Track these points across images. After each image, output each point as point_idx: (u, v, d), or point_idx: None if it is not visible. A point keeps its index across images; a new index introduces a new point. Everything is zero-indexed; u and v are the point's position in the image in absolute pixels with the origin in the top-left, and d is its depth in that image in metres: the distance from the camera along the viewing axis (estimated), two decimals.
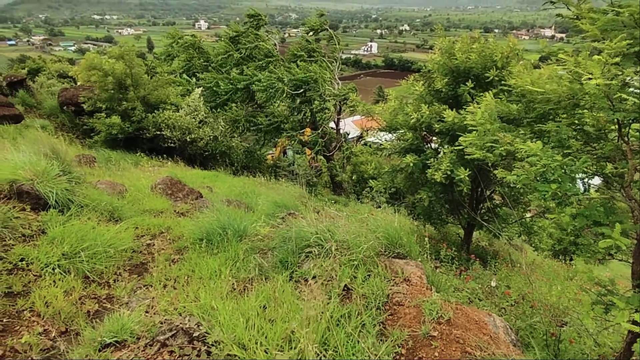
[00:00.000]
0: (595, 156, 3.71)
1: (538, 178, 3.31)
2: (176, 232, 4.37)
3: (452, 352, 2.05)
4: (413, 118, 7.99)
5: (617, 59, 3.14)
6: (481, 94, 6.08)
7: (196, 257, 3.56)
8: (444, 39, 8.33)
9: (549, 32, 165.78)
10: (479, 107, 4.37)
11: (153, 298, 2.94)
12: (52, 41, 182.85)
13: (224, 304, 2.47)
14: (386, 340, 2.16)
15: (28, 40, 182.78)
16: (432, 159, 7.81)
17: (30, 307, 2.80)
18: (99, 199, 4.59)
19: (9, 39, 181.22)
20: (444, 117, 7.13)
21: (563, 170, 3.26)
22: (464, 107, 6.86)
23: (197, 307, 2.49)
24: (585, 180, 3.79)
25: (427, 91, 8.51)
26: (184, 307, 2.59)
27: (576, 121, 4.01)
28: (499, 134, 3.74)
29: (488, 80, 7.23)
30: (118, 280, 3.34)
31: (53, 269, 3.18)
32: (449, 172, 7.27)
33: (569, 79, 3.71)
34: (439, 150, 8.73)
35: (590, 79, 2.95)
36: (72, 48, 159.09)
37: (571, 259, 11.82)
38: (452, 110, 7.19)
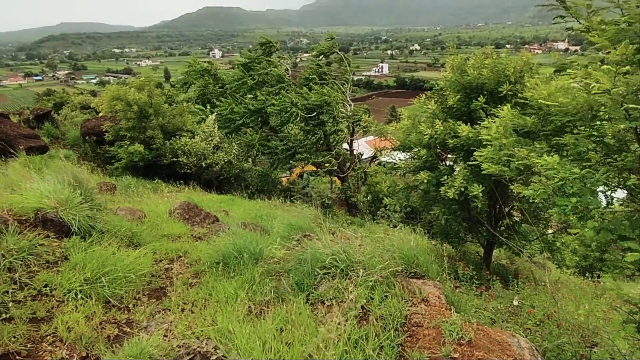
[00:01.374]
0: (616, 168, 3.62)
1: (557, 192, 3.24)
2: (193, 256, 4.41)
3: None
4: (427, 135, 7.97)
5: (627, 68, 3.10)
6: (495, 109, 6.06)
7: (213, 280, 3.57)
8: (456, 56, 8.36)
9: (562, 45, 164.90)
10: (494, 122, 4.33)
11: (171, 322, 2.95)
12: (75, 75, 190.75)
13: (240, 327, 2.47)
14: None
15: (53, 75, 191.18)
16: (445, 176, 7.74)
17: (53, 333, 2.84)
18: (119, 225, 4.68)
19: (36, 75, 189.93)
20: (458, 133, 7.08)
21: (583, 184, 3.19)
22: (478, 122, 6.81)
23: (214, 331, 2.48)
24: (608, 193, 3.69)
25: (440, 109, 8.50)
26: (202, 331, 2.59)
27: (595, 133, 3.93)
28: (514, 148, 3.70)
29: (501, 95, 7.19)
30: (137, 305, 3.37)
31: (75, 295, 3.24)
32: (462, 189, 7.18)
33: (585, 90, 3.68)
34: (453, 167, 8.65)
35: (603, 89, 2.91)
36: (94, 81, 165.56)
37: (598, 276, 11.40)
38: (468, 125, 7.13)
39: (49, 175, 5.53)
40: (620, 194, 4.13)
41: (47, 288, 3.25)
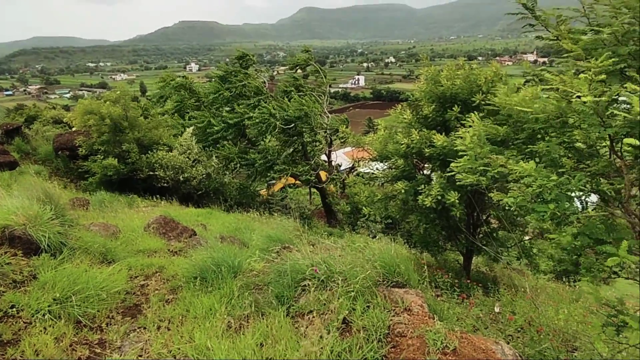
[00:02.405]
0: (589, 173, 3.71)
1: (535, 199, 3.29)
2: (170, 272, 4.27)
3: None
4: (403, 145, 8.09)
5: (603, 77, 3.20)
6: (466, 119, 6.21)
7: (190, 296, 3.45)
8: (430, 68, 8.56)
9: (531, 57, 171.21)
10: (468, 132, 4.40)
11: (147, 341, 2.82)
12: (47, 89, 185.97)
13: (219, 343, 2.37)
14: None
15: (24, 90, 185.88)
16: (423, 185, 7.84)
17: (20, 356, 2.68)
18: (92, 241, 4.51)
19: (6, 90, 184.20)
20: (434, 142, 7.21)
21: (559, 190, 3.24)
22: (453, 132, 6.95)
23: (191, 348, 2.38)
24: (583, 198, 3.77)
25: (416, 119, 8.64)
26: (179, 349, 2.48)
27: (566, 139, 4.03)
28: (491, 156, 3.75)
29: (474, 104, 7.38)
30: (111, 324, 3.22)
31: (44, 315, 3.07)
32: (439, 197, 7.29)
33: (556, 97, 3.77)
34: (430, 176, 8.76)
35: (579, 97, 2.98)
36: (67, 95, 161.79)
37: (574, 281, 11.66)
38: (442, 134, 7.27)
39: (17, 191, 5.30)
40: (593, 197, 4.23)
41: (14, 309, 3.08)
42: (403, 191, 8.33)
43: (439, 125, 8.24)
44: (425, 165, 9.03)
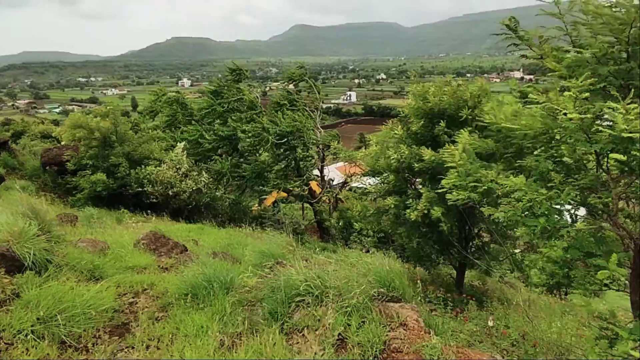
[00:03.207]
0: (578, 187, 3.75)
1: (525, 213, 3.31)
2: (160, 288, 4.18)
3: None
4: (394, 160, 8.18)
5: (586, 95, 3.27)
6: (455, 134, 6.32)
7: (181, 313, 3.37)
8: (418, 85, 8.76)
9: (518, 74, 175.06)
10: (456, 148, 4.44)
11: None
12: (37, 104, 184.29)
13: None
14: None
15: (13, 105, 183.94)
16: (412, 200, 7.92)
17: None
18: (80, 258, 4.40)
19: None
20: (423, 157, 7.33)
21: (549, 204, 3.27)
22: (442, 147, 7.07)
23: None
24: (572, 212, 3.81)
25: (407, 134, 8.77)
26: None
27: (554, 154, 4.09)
28: (482, 171, 3.78)
29: (462, 119, 7.54)
30: (97, 344, 3.12)
31: (26, 336, 2.96)
32: (425, 211, 7.38)
33: (542, 114, 3.84)
34: (420, 191, 8.84)
35: (565, 114, 3.04)
36: (57, 110, 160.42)
37: (566, 294, 11.70)
38: (432, 150, 7.40)
39: (2, 207, 5.19)
40: (582, 211, 4.28)
41: None
42: (393, 206, 8.41)
43: (428, 140, 8.38)
44: (417, 180, 9.10)
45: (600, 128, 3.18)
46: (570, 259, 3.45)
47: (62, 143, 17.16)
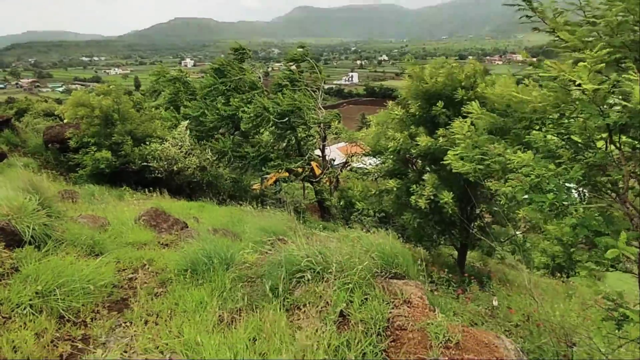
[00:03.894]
0: (586, 165, 3.64)
1: (533, 189, 3.20)
2: (160, 264, 4.13)
3: None
4: (391, 146, 8.19)
5: (602, 66, 3.12)
6: (455, 115, 6.25)
7: (180, 289, 3.33)
8: (414, 66, 8.65)
9: (520, 57, 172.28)
10: (465, 121, 4.31)
11: (133, 336, 2.70)
12: (40, 83, 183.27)
13: (209, 338, 2.26)
14: None
15: (16, 83, 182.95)
16: (414, 185, 7.88)
17: None
18: (79, 233, 4.35)
19: None
20: (419, 143, 7.30)
21: (557, 180, 3.16)
22: (446, 127, 6.98)
23: (180, 343, 2.26)
24: (580, 190, 3.70)
25: (406, 116, 8.69)
26: (166, 344, 2.35)
27: (563, 130, 3.96)
28: (489, 145, 3.66)
29: (457, 100, 7.47)
30: (96, 319, 3.08)
31: (24, 310, 2.92)
32: (432, 197, 7.37)
33: (554, 88, 3.69)
34: (423, 172, 8.76)
35: (579, 85, 2.90)
36: (60, 89, 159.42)
37: (567, 276, 11.69)
38: (430, 131, 7.36)
39: (3, 183, 5.12)
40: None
41: None
42: (395, 189, 8.40)
43: (427, 122, 8.29)
44: (416, 160, 9.03)
45: (615, 101, 3.05)
46: (577, 236, 3.36)
47: (65, 121, 17.07)
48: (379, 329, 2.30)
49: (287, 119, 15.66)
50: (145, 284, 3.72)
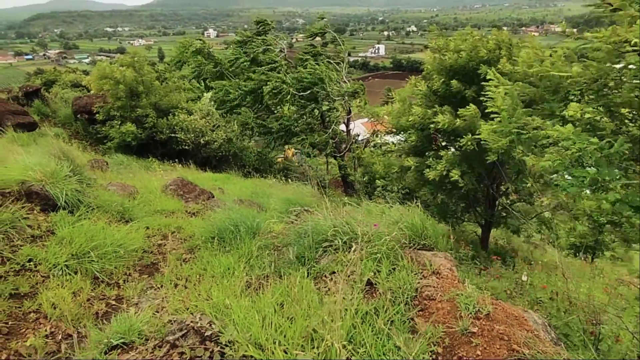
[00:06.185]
0: (631, 138, 3.44)
1: (573, 164, 3.06)
2: (188, 232, 4.23)
3: (497, 349, 1.82)
4: (410, 121, 7.95)
5: None
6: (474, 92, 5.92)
7: (208, 255, 3.39)
8: (438, 39, 8.19)
9: (559, 29, 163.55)
10: (499, 91, 4.11)
11: (163, 298, 2.78)
12: (67, 54, 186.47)
13: (237, 301, 2.29)
14: (419, 338, 1.94)
15: (44, 54, 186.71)
16: (432, 159, 7.71)
17: (37, 309, 2.66)
18: (110, 200, 4.48)
19: (27, 54, 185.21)
20: (437, 121, 7.06)
21: (600, 154, 3.00)
22: (466, 106, 6.71)
23: (209, 306, 2.31)
24: (624, 165, 3.52)
25: (431, 91, 8.35)
26: (196, 306, 2.41)
27: (606, 102, 3.74)
28: (526, 117, 3.50)
29: (482, 77, 7.11)
30: (128, 281, 3.19)
31: (61, 270, 3.05)
32: (444, 172, 7.19)
33: (598, 57, 3.47)
34: (445, 147, 8.54)
35: (635, 44, 2.70)
36: (86, 60, 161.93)
37: (592, 258, 11.40)
38: (455, 109, 7.09)
39: (35, 150, 5.28)
40: None
41: (31, 263, 3.06)
42: (414, 167, 8.24)
43: (451, 97, 7.88)
44: (439, 136, 8.79)
45: None
46: (615, 215, 3.23)
47: (92, 92, 17.36)
48: (407, 298, 2.28)
49: (309, 91, 15.45)
50: (174, 249, 3.81)
